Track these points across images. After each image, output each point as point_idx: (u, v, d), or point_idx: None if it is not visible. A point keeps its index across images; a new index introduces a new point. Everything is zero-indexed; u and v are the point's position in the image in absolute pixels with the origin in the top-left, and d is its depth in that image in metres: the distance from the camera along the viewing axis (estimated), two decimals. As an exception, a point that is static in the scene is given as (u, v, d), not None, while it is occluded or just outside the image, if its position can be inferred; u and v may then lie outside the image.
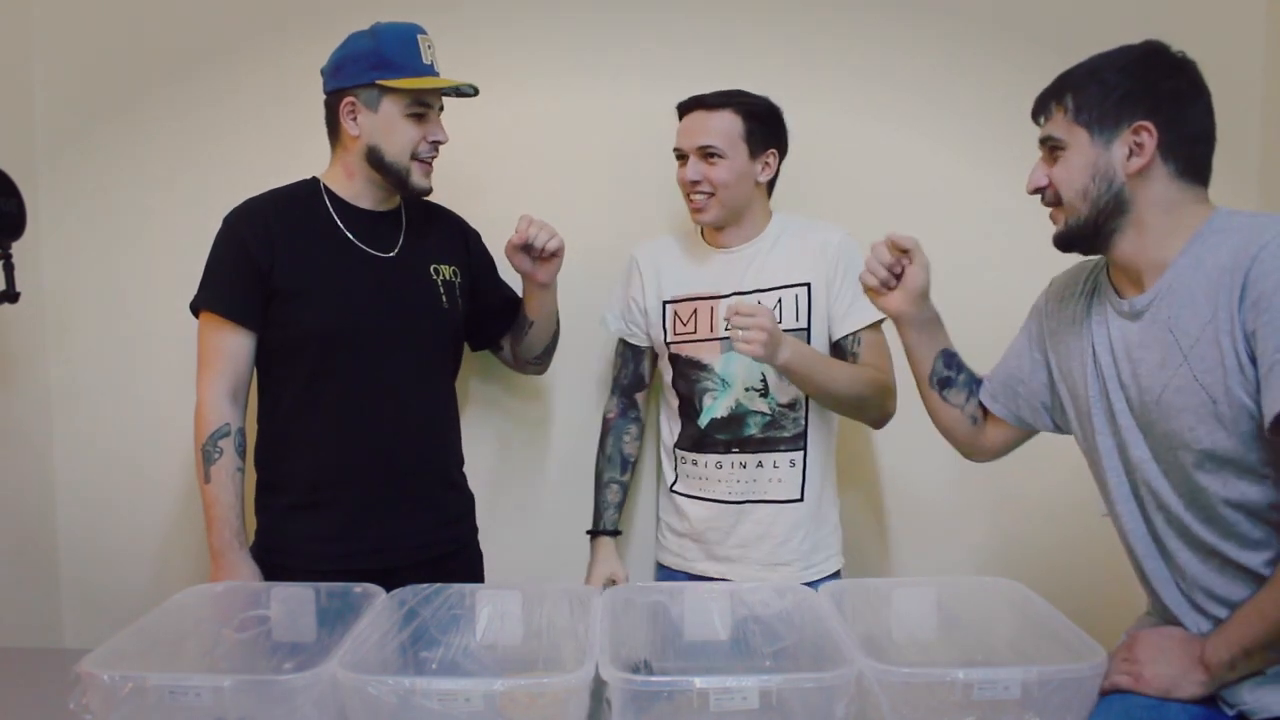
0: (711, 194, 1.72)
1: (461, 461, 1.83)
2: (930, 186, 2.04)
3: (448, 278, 1.74)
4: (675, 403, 1.83)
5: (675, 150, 1.76)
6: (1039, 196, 1.27)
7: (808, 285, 1.73)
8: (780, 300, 1.73)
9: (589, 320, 1.97)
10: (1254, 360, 1.09)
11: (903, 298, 1.39)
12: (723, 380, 1.75)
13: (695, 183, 1.71)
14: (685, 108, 1.75)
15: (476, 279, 1.82)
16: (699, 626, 1.38)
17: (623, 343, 1.92)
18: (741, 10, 2.04)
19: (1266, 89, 2.00)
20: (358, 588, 1.37)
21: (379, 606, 1.31)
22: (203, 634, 1.35)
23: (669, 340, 1.81)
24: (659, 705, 1.08)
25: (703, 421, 1.77)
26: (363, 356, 1.62)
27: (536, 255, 1.68)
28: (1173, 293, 1.17)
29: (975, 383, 1.47)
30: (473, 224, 1.87)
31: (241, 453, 1.60)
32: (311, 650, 1.32)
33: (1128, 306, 1.22)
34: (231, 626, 1.36)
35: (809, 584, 1.57)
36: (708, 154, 1.70)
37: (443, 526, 1.73)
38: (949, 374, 1.44)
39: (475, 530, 1.83)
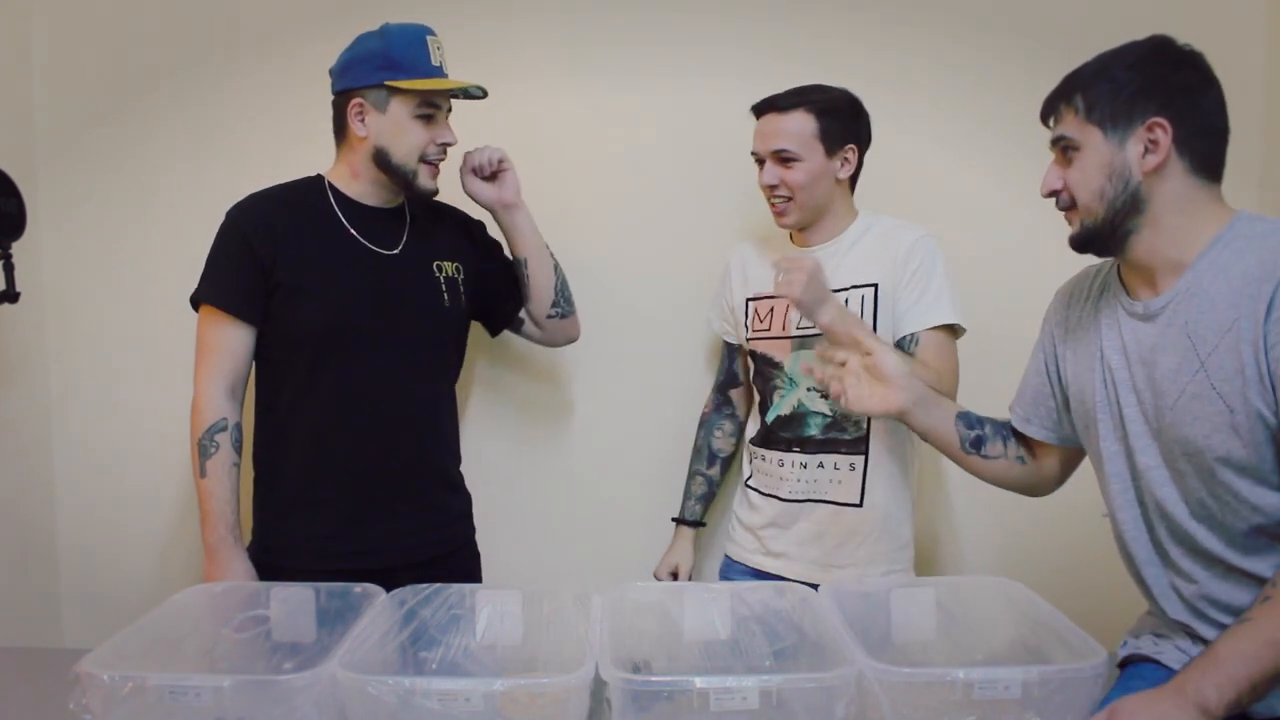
0: (790, 198, 1.70)
1: (459, 461, 1.83)
2: (941, 188, 2.05)
3: (450, 274, 1.73)
4: (757, 400, 1.85)
5: (752, 154, 1.74)
6: (1053, 199, 1.25)
7: (875, 286, 1.70)
8: (847, 300, 1.69)
9: (592, 323, 1.97)
10: (1266, 373, 1.08)
11: (887, 389, 1.37)
12: (790, 379, 1.76)
13: (773, 187, 1.70)
14: (759, 109, 1.73)
15: (482, 262, 1.81)
16: (699, 626, 1.38)
17: (723, 340, 1.95)
18: (758, 9, 2.04)
19: (1267, 88, 2.00)
20: (357, 588, 1.37)
21: (379, 606, 1.31)
22: (202, 634, 1.35)
23: (748, 336, 1.83)
24: (659, 705, 1.08)
25: (769, 418, 1.78)
26: (362, 354, 1.62)
27: (489, 176, 1.71)
28: (1191, 296, 1.15)
29: (1004, 426, 1.45)
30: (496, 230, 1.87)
31: (238, 448, 1.60)
32: (311, 650, 1.31)
33: (1142, 308, 1.20)
34: (231, 626, 1.36)
35: None
36: (782, 157, 1.68)
37: (440, 527, 1.73)
38: (976, 433, 1.42)
39: (473, 530, 1.83)
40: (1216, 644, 1.08)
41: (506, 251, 1.84)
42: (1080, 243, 1.24)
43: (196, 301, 1.62)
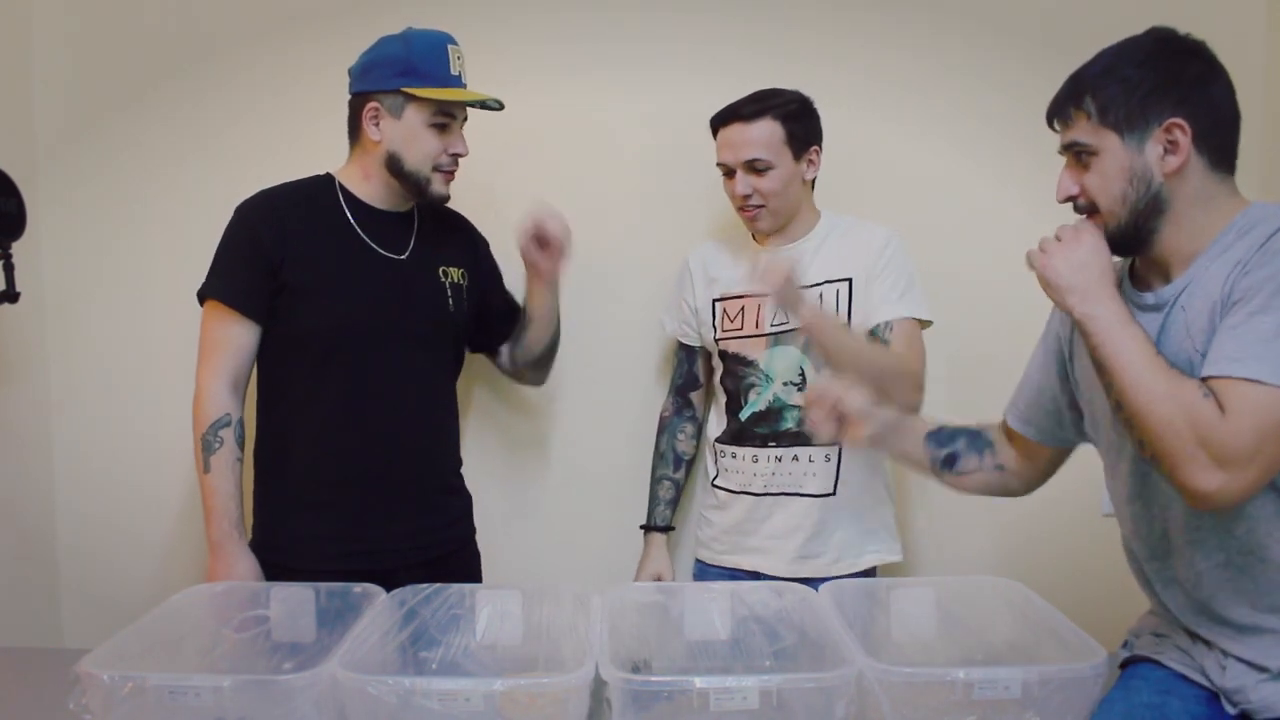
0: (763, 205, 1.72)
1: (460, 463, 1.83)
2: (943, 190, 2.04)
3: (456, 280, 1.74)
4: (724, 400, 1.85)
5: (720, 165, 1.75)
6: (1064, 204, 1.23)
7: (849, 280, 1.73)
8: (822, 295, 1.74)
9: (594, 324, 1.97)
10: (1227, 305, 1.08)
11: (858, 424, 1.37)
12: (766, 375, 1.77)
13: (746, 196, 1.72)
14: (721, 120, 1.73)
15: (484, 284, 1.82)
16: (699, 626, 1.38)
17: (678, 343, 1.95)
18: (762, 11, 2.04)
19: (1267, 87, 1.99)
20: (357, 588, 1.37)
21: (379, 606, 1.31)
22: (202, 634, 1.35)
23: (717, 337, 1.83)
24: (659, 705, 1.08)
25: (744, 415, 1.79)
26: (366, 356, 1.62)
27: (544, 244, 1.68)
28: (1195, 283, 1.14)
29: (979, 437, 1.43)
30: (489, 232, 1.87)
31: (241, 444, 1.59)
32: (311, 650, 1.31)
33: (1152, 298, 1.19)
34: (231, 626, 1.36)
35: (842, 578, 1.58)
36: (755, 167, 1.69)
37: (441, 528, 1.73)
38: (947, 451, 1.41)
39: (473, 530, 1.83)
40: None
41: (507, 282, 1.87)
42: (1109, 249, 1.22)
43: (202, 296, 1.62)
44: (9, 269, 1.71)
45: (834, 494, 1.76)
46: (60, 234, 2.08)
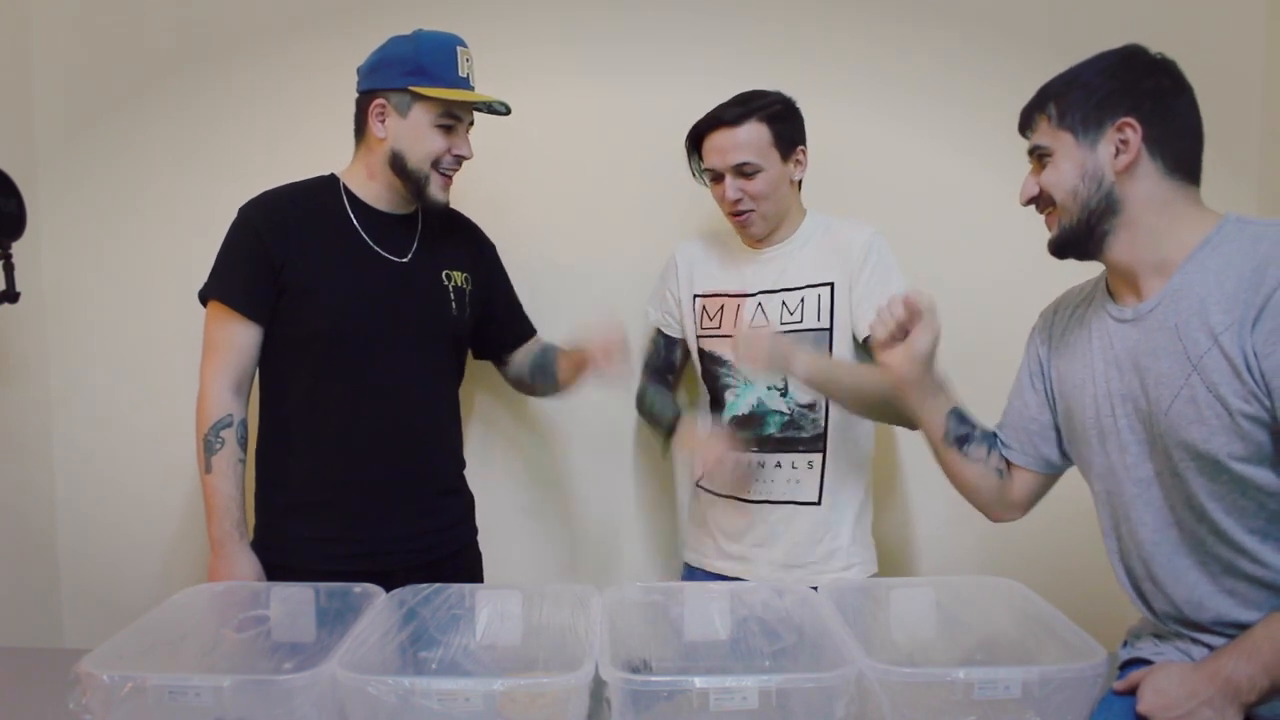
0: (754, 209, 1.71)
1: (463, 464, 1.83)
2: (938, 189, 2.05)
3: (459, 284, 1.73)
4: (707, 398, 1.85)
5: (707, 170, 1.74)
6: (1033, 207, 1.25)
7: (830, 285, 1.72)
8: (803, 300, 1.73)
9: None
10: (1259, 380, 1.07)
11: (905, 358, 1.31)
12: (744, 380, 1.76)
13: (737, 201, 1.71)
14: (706, 127, 1.72)
15: (490, 291, 1.82)
16: (699, 626, 1.38)
17: (658, 331, 1.94)
18: (758, 10, 2.04)
19: (1266, 89, 1.99)
20: (357, 588, 1.37)
21: (379, 606, 1.31)
22: (202, 634, 1.35)
23: (697, 334, 1.82)
24: (659, 705, 1.08)
25: (724, 418, 1.78)
26: (369, 358, 1.62)
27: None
28: (1180, 298, 1.14)
29: (991, 436, 1.42)
30: (495, 235, 1.87)
31: (243, 444, 1.60)
32: (311, 650, 1.32)
33: (1131, 313, 1.20)
34: (231, 626, 1.36)
35: None
36: (744, 171, 1.68)
37: (443, 529, 1.73)
38: (964, 430, 1.38)
39: (475, 532, 1.83)
40: (1255, 629, 1.10)
41: (513, 280, 1.88)
42: (1059, 245, 1.24)
43: (204, 297, 1.62)
44: (9, 269, 1.71)
45: (819, 503, 1.75)
46: (60, 234, 2.08)
